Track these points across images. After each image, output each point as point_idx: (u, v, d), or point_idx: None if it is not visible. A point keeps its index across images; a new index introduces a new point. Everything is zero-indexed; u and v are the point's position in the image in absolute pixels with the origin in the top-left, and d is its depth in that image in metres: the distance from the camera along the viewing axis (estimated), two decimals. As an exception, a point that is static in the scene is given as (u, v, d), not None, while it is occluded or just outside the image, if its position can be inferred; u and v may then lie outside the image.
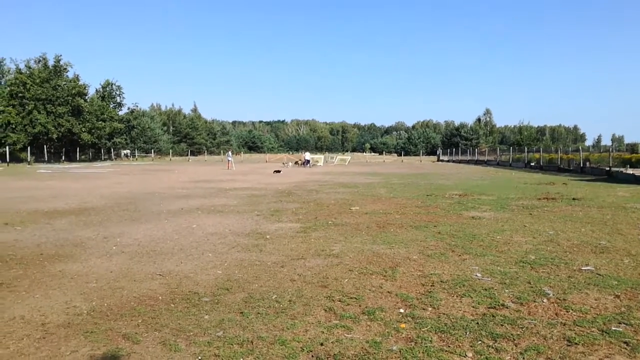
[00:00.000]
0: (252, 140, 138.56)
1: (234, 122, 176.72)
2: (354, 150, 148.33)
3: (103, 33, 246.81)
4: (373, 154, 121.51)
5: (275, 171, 33.78)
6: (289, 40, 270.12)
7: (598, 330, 4.13)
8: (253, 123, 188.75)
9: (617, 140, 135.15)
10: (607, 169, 28.04)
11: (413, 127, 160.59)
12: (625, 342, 3.86)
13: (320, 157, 56.20)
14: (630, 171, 26.54)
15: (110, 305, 4.92)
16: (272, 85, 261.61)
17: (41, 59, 60.38)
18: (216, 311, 4.72)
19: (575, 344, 3.85)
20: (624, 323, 4.27)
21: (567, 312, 4.59)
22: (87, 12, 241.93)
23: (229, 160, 42.34)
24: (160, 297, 5.18)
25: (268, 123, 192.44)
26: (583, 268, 6.20)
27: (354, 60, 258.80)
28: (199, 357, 3.70)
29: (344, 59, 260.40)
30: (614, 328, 4.15)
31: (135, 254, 7.32)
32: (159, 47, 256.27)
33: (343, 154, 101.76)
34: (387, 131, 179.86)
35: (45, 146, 57.24)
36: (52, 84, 58.24)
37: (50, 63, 60.77)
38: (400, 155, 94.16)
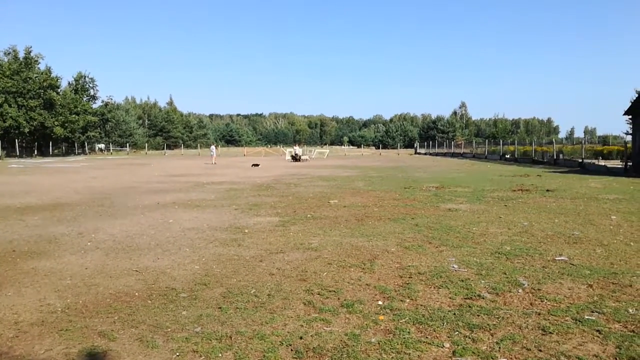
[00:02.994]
0: (230, 133, 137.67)
1: (211, 116, 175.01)
2: (332, 143, 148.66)
3: (75, 25, 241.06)
4: (351, 147, 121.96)
5: (253, 165, 33.61)
6: (267, 32, 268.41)
7: (572, 319, 4.22)
8: (231, 116, 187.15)
9: (590, 132, 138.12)
10: (580, 160, 28.66)
11: (391, 120, 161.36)
12: (597, 331, 3.95)
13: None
14: (602, 163, 27.20)
15: (85, 303, 4.83)
16: (250, 78, 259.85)
17: (11, 50, 58.88)
18: (194, 307, 4.67)
19: (550, 333, 3.92)
20: (597, 312, 4.37)
21: (541, 301, 4.68)
22: (61, 4, 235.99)
23: (212, 155, 39.80)
24: (136, 294, 5.11)
25: (246, 116, 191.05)
26: (557, 258, 6.32)
27: (332, 53, 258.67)
28: (177, 354, 3.66)
29: (322, 52, 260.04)
30: (587, 317, 4.24)
31: (111, 250, 7.20)
32: (133, 39, 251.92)
33: (322, 147, 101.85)
34: (365, 124, 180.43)
35: (16, 140, 55.87)
36: (23, 76, 56.74)
37: (21, 55, 59.22)
38: (378, 148, 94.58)
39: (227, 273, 5.86)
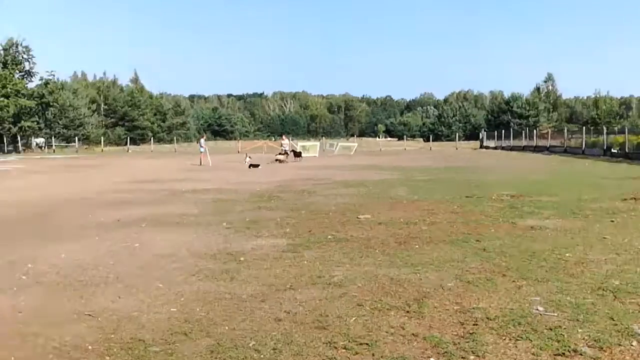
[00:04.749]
0: (218, 121, 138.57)
1: (191, 97, 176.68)
2: (362, 134, 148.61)
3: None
4: (389, 139, 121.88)
5: (251, 165, 33.72)
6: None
7: None
8: (219, 98, 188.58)
9: None
10: None
11: (445, 100, 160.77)
12: None
13: (315, 145, 56.04)
14: None
15: (18, 360, 4.89)
16: (246, 44, 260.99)
17: None
18: (170, 366, 4.70)
19: (678, 404, 3.86)
20: None
21: (665, 359, 4.61)
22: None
23: (201, 152, 39.34)
24: (89, 347, 5.15)
25: (240, 97, 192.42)
26: (687, 297, 6.22)
27: (360, 11, 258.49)
28: None
29: (346, 7, 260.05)
30: None
31: (55, 286, 7.28)
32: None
33: (347, 139, 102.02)
34: (409, 107, 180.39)
35: None
36: None
37: None
38: (428, 140, 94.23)
39: (216, 318, 5.89)
